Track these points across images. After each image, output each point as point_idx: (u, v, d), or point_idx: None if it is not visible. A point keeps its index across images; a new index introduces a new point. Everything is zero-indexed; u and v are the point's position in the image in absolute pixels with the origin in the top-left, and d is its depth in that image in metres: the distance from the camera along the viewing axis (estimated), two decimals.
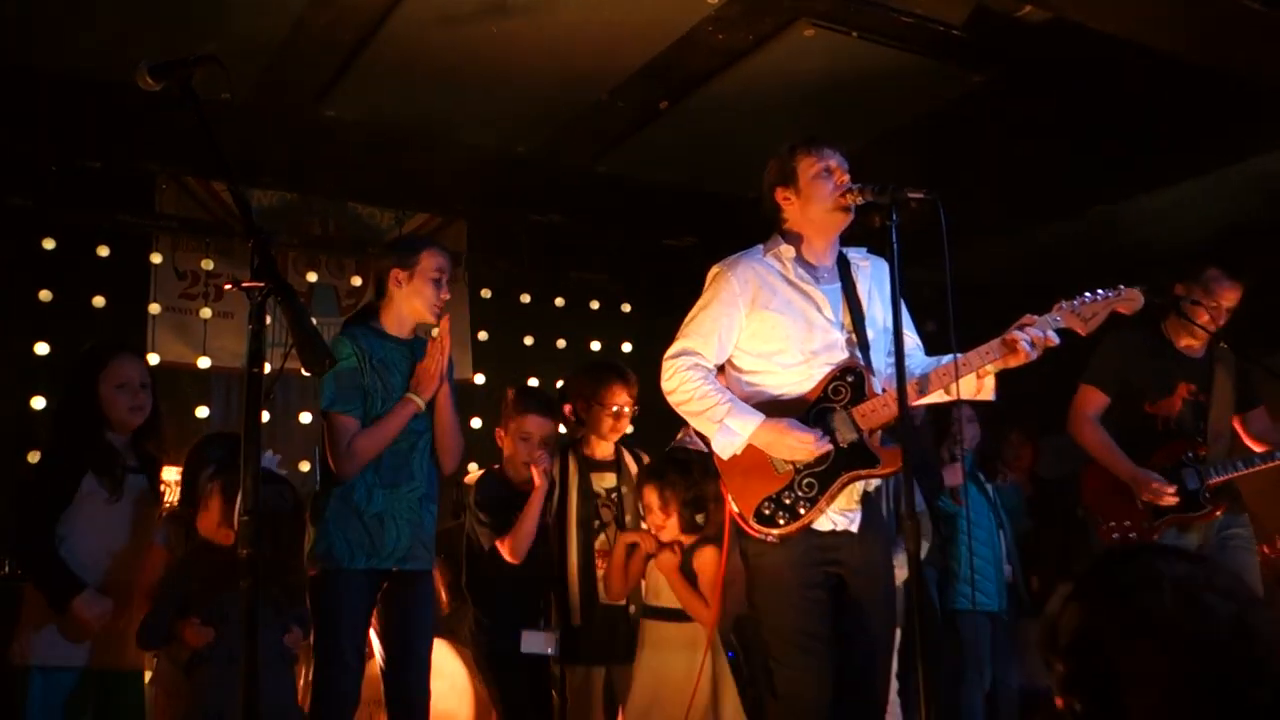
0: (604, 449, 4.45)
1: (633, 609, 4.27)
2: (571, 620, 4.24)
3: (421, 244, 3.89)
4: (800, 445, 3.11)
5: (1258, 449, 4.34)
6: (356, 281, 6.36)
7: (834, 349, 3.26)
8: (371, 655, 3.91)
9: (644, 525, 4.15)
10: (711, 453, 3.29)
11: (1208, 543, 4.29)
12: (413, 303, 3.80)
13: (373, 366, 3.69)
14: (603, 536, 4.32)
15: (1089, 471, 4.51)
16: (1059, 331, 3.12)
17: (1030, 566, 5.78)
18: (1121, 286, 3.19)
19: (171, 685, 3.78)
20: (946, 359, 3.20)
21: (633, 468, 4.44)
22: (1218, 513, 4.25)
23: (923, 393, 3.19)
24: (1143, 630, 1.44)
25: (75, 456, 3.68)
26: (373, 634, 3.86)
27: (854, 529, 3.22)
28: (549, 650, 4.23)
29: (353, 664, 3.58)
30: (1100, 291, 3.17)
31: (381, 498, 3.65)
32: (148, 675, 3.89)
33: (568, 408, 4.47)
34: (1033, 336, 3.06)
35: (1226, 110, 5.01)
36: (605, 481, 4.40)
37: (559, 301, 6.99)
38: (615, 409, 4.34)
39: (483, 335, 6.67)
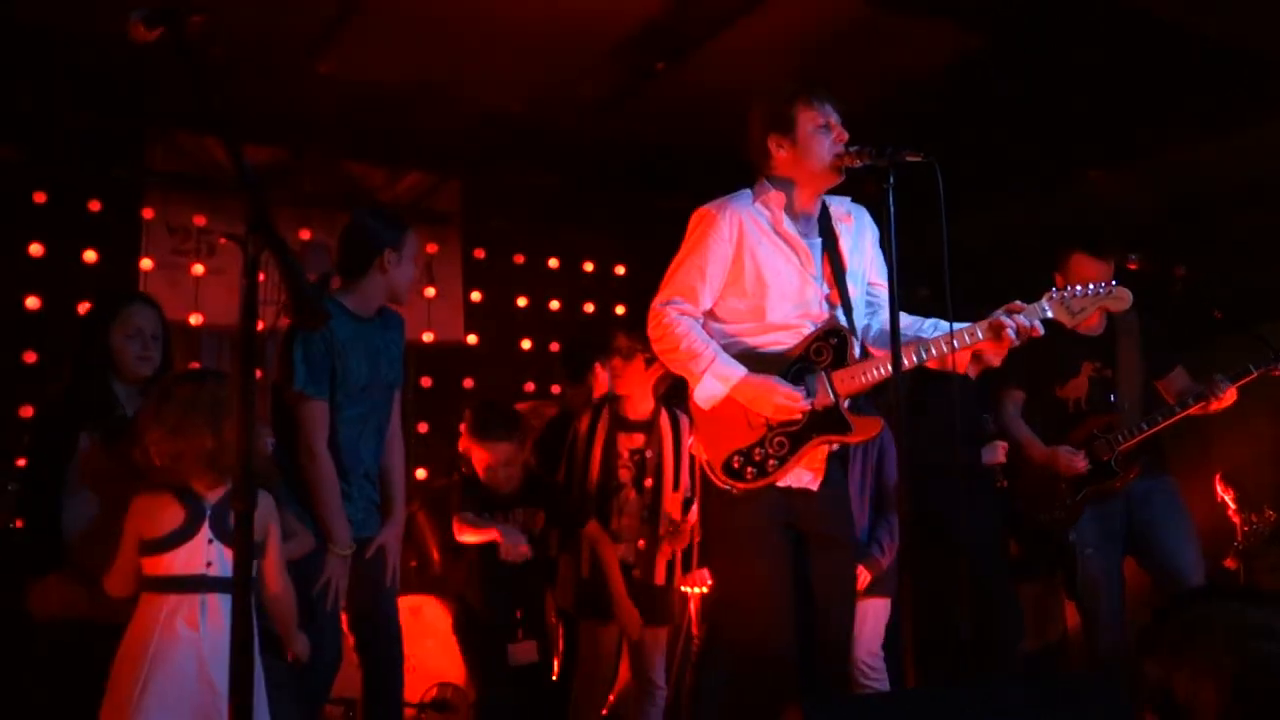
0: (640, 409, 4.46)
1: (637, 573, 4.32)
2: (582, 573, 4.32)
3: (404, 223, 3.83)
4: (788, 404, 3.08)
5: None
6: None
7: (814, 305, 3.21)
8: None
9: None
10: (690, 402, 3.25)
11: (1132, 504, 4.39)
12: (396, 284, 3.74)
13: (335, 350, 3.60)
14: (616, 499, 4.38)
15: (1017, 464, 4.69)
16: (1044, 321, 3.12)
17: (1015, 532, 5.82)
18: (1114, 283, 3.22)
19: None
20: (928, 324, 3.19)
21: (666, 429, 4.46)
22: (1131, 475, 4.34)
23: (920, 360, 3.14)
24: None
25: (74, 408, 3.63)
26: None
27: (814, 487, 3.21)
28: (536, 658, 4.30)
29: (330, 637, 3.61)
30: (1091, 287, 3.18)
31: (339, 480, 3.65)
32: None
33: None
34: (1018, 324, 3.06)
35: (1225, 79, 4.99)
36: (633, 442, 4.43)
37: (553, 262, 6.98)
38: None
39: (475, 295, 6.65)
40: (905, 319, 3.26)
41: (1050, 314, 3.14)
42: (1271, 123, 5.26)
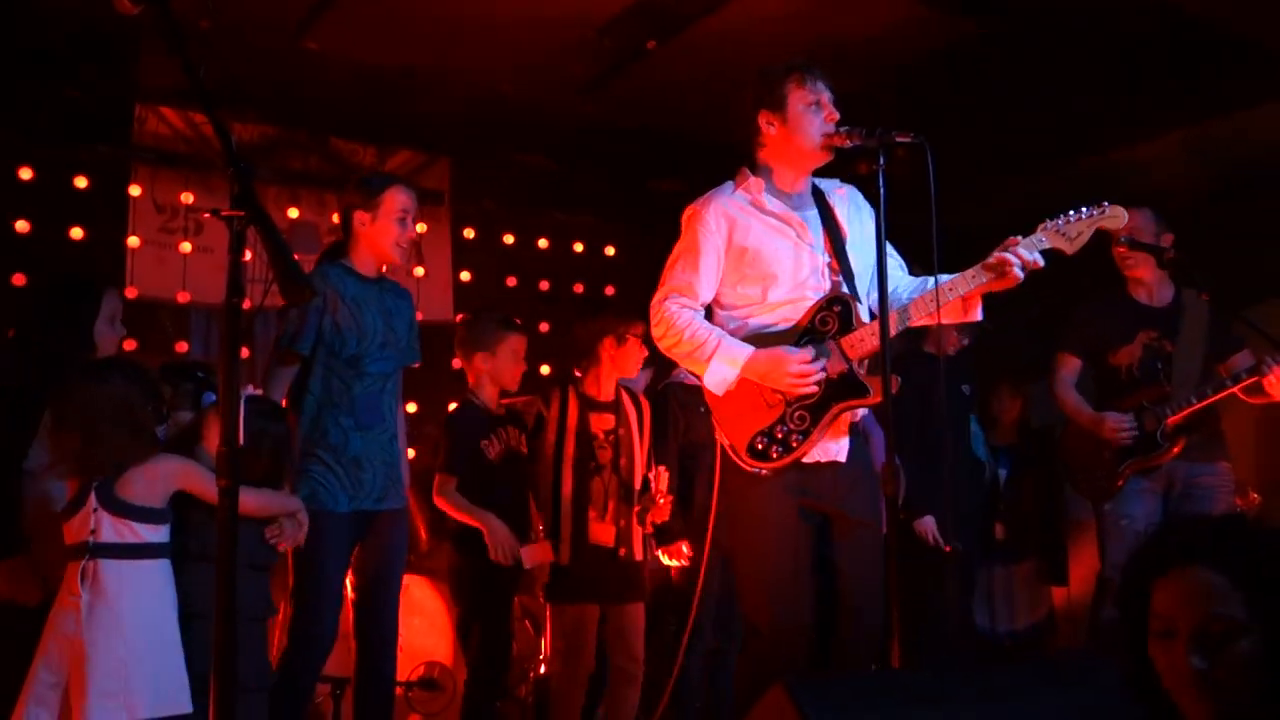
0: (605, 389, 4.47)
1: (622, 551, 4.32)
2: (560, 559, 4.31)
3: (385, 182, 3.85)
4: (802, 370, 3.07)
5: None
6: (338, 218, 6.29)
7: (817, 274, 3.23)
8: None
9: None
10: (704, 389, 3.25)
11: (1172, 491, 4.34)
12: (377, 243, 3.78)
13: (345, 304, 3.67)
14: (598, 479, 4.37)
15: (1066, 431, 4.66)
16: (1044, 253, 3.10)
17: (1002, 516, 5.84)
18: (1106, 204, 3.14)
19: None
20: (932, 281, 3.17)
21: (630, 410, 4.49)
22: (1176, 450, 4.28)
23: (906, 323, 3.16)
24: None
25: (43, 388, 3.63)
26: None
27: (842, 458, 3.21)
28: (551, 558, 4.33)
29: (330, 614, 3.63)
30: (1085, 209, 3.13)
31: (358, 441, 3.68)
32: None
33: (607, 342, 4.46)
34: (1021, 258, 3.05)
35: (1218, 63, 4.99)
36: (604, 423, 4.43)
37: (542, 243, 6.95)
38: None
39: (464, 276, 6.63)
40: (914, 282, 3.30)
41: (1048, 243, 3.11)
42: (1264, 107, 5.27)
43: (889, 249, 3.34)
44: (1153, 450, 4.30)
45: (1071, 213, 3.13)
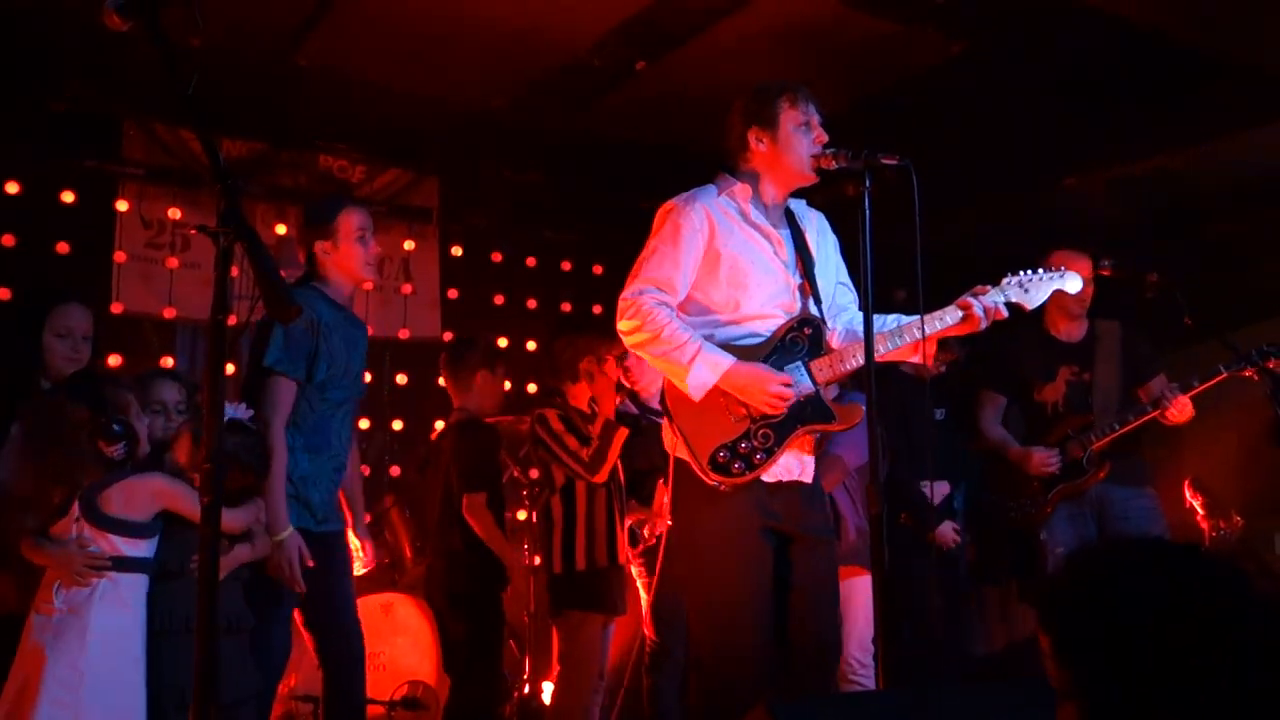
0: (585, 403, 4.43)
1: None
2: (554, 570, 4.31)
3: (336, 206, 3.79)
4: (782, 391, 3.03)
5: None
6: (301, 254, 6.28)
7: (788, 294, 3.21)
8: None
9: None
10: (664, 400, 3.19)
11: (1106, 514, 4.47)
12: (346, 267, 3.73)
13: (321, 330, 3.62)
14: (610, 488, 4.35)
15: (991, 467, 4.81)
16: (1007, 305, 3.18)
17: (975, 537, 5.84)
18: (1063, 269, 3.28)
19: None
20: (891, 319, 3.20)
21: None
22: (1101, 474, 4.43)
23: (885, 349, 3.15)
24: None
25: (7, 401, 3.61)
26: None
27: (806, 479, 3.18)
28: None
29: (286, 615, 3.59)
30: (1043, 271, 3.25)
31: (306, 461, 3.63)
32: None
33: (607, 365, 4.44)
34: (984, 305, 3.12)
35: (1201, 88, 5.04)
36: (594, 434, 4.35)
37: (530, 261, 6.96)
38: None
39: (452, 293, 6.63)
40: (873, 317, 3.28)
41: (1010, 297, 3.19)
42: (1247, 130, 5.32)
43: (848, 285, 3.38)
44: (1079, 475, 4.47)
45: (1031, 272, 3.24)
